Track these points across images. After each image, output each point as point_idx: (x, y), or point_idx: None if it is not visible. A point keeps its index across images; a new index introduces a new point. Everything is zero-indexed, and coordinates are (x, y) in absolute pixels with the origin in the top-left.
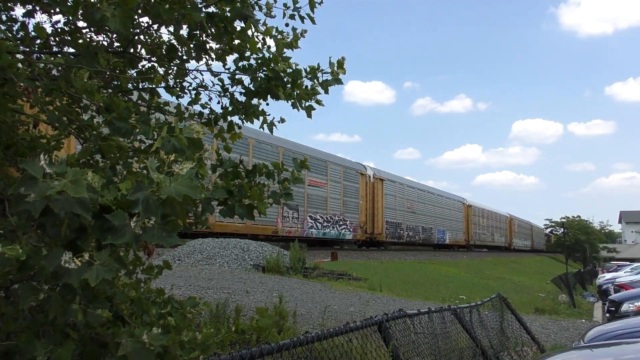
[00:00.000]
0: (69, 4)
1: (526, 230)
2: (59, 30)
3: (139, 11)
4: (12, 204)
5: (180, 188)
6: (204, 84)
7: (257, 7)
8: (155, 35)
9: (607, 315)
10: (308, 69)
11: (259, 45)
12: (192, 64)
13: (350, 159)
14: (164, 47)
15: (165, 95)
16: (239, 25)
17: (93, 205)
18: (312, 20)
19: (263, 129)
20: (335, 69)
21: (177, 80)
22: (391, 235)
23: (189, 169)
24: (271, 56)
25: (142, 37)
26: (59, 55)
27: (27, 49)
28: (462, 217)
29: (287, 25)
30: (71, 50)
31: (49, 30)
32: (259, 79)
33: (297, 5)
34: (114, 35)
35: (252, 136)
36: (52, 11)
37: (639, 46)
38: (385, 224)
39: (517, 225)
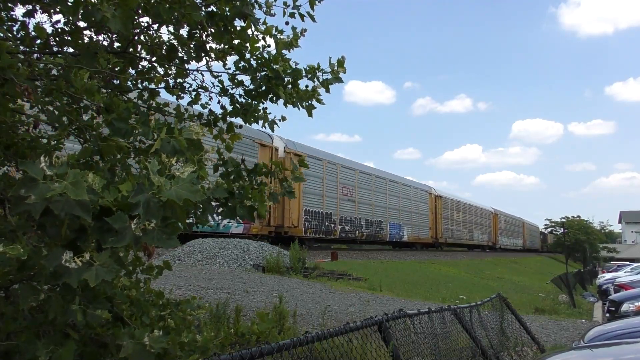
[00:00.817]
0: (69, 4)
1: (516, 228)
2: (59, 30)
3: (139, 11)
4: (12, 205)
5: (181, 192)
6: (204, 84)
7: (256, 6)
8: (155, 35)
9: (607, 315)
10: (308, 69)
11: (259, 45)
12: (192, 65)
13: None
14: (164, 47)
15: (165, 96)
16: (239, 24)
17: (93, 206)
18: (312, 18)
19: (265, 128)
20: (336, 67)
21: (177, 81)
22: (314, 229)
23: (190, 173)
24: (271, 57)
25: (142, 37)
26: (59, 55)
27: (27, 49)
28: (428, 209)
29: (287, 23)
30: (71, 50)
31: (49, 30)
32: (258, 78)
33: (297, 4)
34: (114, 35)
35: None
36: (52, 11)
37: (639, 46)
38: (305, 214)
39: (504, 222)
